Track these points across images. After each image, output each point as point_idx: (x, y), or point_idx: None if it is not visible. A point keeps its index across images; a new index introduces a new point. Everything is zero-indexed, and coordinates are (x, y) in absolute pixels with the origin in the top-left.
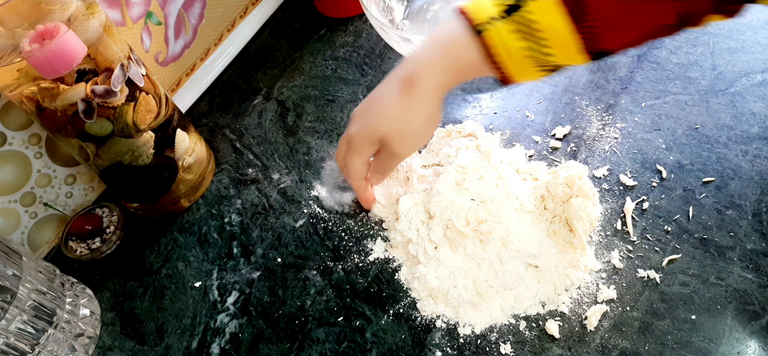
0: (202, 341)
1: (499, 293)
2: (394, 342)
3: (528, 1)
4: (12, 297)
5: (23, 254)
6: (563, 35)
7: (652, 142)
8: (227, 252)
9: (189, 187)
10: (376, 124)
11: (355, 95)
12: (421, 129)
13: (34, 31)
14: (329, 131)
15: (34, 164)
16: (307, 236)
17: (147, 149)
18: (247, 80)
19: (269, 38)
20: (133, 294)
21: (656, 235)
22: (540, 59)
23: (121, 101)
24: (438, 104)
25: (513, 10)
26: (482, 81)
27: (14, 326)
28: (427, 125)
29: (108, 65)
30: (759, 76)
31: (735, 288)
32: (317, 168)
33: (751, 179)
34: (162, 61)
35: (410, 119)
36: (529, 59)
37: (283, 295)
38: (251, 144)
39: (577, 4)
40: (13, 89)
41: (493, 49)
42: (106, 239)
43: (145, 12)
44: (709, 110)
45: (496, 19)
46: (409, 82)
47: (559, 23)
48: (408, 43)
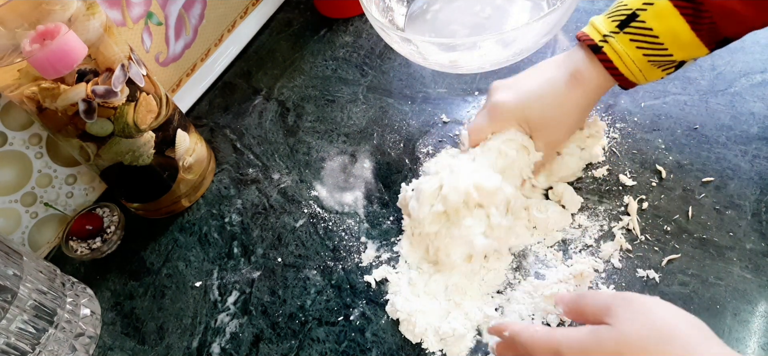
0: (202, 341)
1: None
2: (394, 341)
3: (641, 13)
4: (13, 296)
5: (24, 254)
6: (681, 36)
7: (651, 142)
8: (227, 252)
9: (189, 187)
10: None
11: (355, 95)
12: (574, 125)
13: (35, 31)
14: (329, 131)
15: (35, 164)
16: (308, 236)
17: (147, 149)
18: (248, 80)
19: (269, 38)
20: (134, 294)
21: (656, 235)
22: (661, 61)
23: (122, 101)
24: (592, 104)
25: (626, 24)
26: (482, 81)
27: (15, 326)
28: (579, 121)
29: (109, 65)
30: (758, 77)
31: (734, 288)
32: (317, 168)
33: (750, 179)
34: (162, 62)
35: (571, 115)
36: (649, 63)
37: (283, 295)
38: (251, 144)
39: (693, 7)
40: (13, 89)
41: (613, 61)
42: (106, 239)
43: (146, 12)
44: (708, 110)
45: (611, 35)
46: (576, 78)
47: (676, 25)
48: (408, 44)
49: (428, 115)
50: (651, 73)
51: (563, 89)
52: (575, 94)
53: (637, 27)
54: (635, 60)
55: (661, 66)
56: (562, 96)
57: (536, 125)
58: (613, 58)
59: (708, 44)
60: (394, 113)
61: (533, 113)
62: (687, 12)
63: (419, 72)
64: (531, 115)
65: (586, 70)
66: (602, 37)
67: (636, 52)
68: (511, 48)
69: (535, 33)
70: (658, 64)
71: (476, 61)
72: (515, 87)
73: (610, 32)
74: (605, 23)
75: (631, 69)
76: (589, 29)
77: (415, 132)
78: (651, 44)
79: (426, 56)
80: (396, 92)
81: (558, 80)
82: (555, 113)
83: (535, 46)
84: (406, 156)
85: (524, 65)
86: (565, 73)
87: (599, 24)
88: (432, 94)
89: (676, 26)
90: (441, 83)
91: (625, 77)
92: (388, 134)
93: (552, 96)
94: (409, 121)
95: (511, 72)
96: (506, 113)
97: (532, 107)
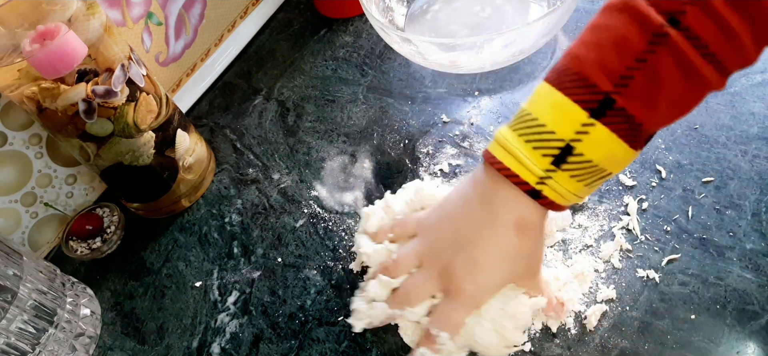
0: (202, 341)
1: None
2: (394, 341)
3: (574, 146)
4: (12, 296)
5: (24, 254)
6: (619, 156)
7: (651, 142)
8: (227, 252)
9: (189, 187)
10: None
11: (355, 95)
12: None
13: (35, 31)
14: (329, 131)
15: (35, 164)
16: (308, 236)
17: (148, 149)
18: (248, 80)
19: (269, 38)
20: (134, 294)
21: (655, 235)
22: (597, 183)
23: (122, 101)
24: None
25: (561, 160)
26: (482, 81)
27: (15, 326)
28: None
29: (109, 65)
30: (758, 77)
31: (734, 288)
32: (317, 168)
33: (750, 179)
34: (162, 62)
35: (535, 253)
36: (586, 189)
37: (283, 295)
38: (251, 144)
39: (630, 127)
40: (13, 89)
41: (554, 202)
42: (106, 239)
43: (146, 12)
44: (708, 110)
45: (547, 176)
46: (523, 227)
47: (614, 150)
48: (408, 44)
49: (428, 115)
50: (585, 196)
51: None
52: (528, 239)
53: (576, 161)
54: (577, 191)
55: (595, 187)
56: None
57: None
58: (554, 198)
59: (640, 149)
60: (394, 113)
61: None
62: (626, 134)
63: (419, 72)
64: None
65: (529, 215)
66: (539, 180)
67: (577, 186)
68: (511, 48)
69: (535, 33)
70: (594, 187)
71: (476, 61)
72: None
73: (545, 171)
74: (534, 158)
75: (570, 200)
76: (513, 163)
77: (415, 132)
78: (590, 174)
79: (426, 56)
80: (396, 92)
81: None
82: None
83: (535, 46)
84: (406, 156)
85: (524, 65)
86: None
87: (526, 159)
88: (432, 94)
89: (615, 150)
90: (441, 83)
91: (563, 208)
92: (388, 134)
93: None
94: (409, 121)
95: (511, 72)
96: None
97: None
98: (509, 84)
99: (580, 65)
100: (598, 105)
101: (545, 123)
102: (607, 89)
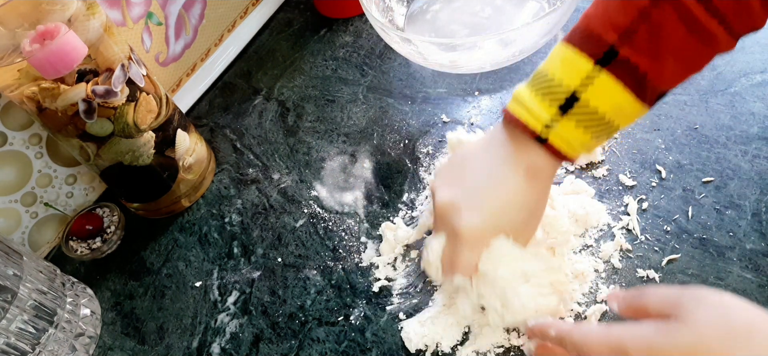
0: (202, 341)
1: None
2: (394, 341)
3: (581, 94)
4: (13, 296)
5: (24, 254)
6: (626, 107)
7: (651, 142)
8: (228, 252)
9: (189, 187)
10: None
11: (355, 95)
12: (542, 212)
13: (35, 31)
14: (329, 131)
15: (35, 164)
16: (307, 236)
17: (148, 149)
18: (248, 80)
19: (269, 38)
20: (134, 294)
21: (655, 235)
22: (606, 135)
23: (122, 101)
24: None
25: (568, 107)
26: (482, 81)
27: (15, 326)
28: (544, 207)
29: (109, 65)
30: (758, 77)
31: (734, 288)
32: (317, 168)
33: (750, 179)
34: (162, 62)
35: (540, 206)
36: (594, 140)
37: (283, 295)
38: (251, 144)
39: (635, 78)
40: (13, 89)
41: (560, 150)
42: (106, 239)
43: (146, 12)
44: (708, 110)
45: (553, 122)
46: (533, 173)
47: (621, 100)
48: (408, 44)
49: (428, 115)
50: (595, 147)
51: (527, 191)
52: (536, 188)
53: (581, 110)
54: (584, 142)
55: (604, 138)
56: (526, 197)
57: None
58: (560, 146)
59: (650, 104)
60: (394, 113)
61: (506, 227)
62: (631, 83)
63: (419, 72)
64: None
65: (538, 162)
66: (544, 126)
67: (584, 135)
68: (511, 48)
69: (535, 33)
70: (602, 138)
71: (476, 61)
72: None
73: (551, 119)
74: (541, 106)
75: (577, 150)
76: (523, 112)
77: (415, 132)
78: (597, 123)
79: (426, 56)
80: (396, 91)
81: (517, 183)
82: (525, 216)
83: (535, 46)
84: (406, 156)
85: (524, 65)
86: (519, 173)
87: (534, 107)
88: (432, 94)
89: (621, 100)
90: (441, 83)
91: (572, 158)
92: (388, 134)
93: (519, 203)
94: (409, 121)
95: (511, 72)
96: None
97: (503, 222)
98: (509, 84)
99: (589, 21)
100: (603, 55)
101: (554, 76)
102: (611, 40)
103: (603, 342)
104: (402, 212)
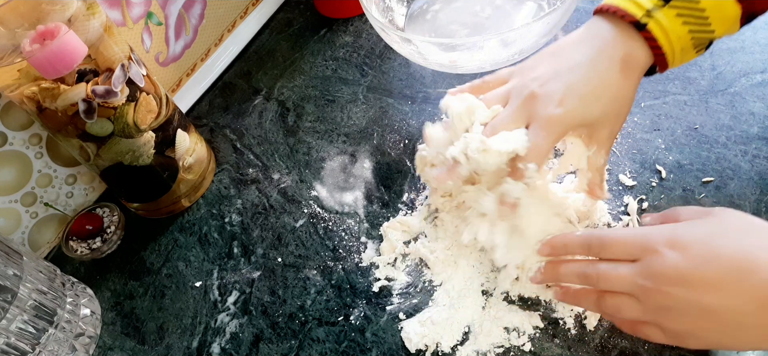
0: (202, 341)
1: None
2: (394, 341)
3: None
4: (13, 296)
5: (24, 254)
6: (726, 7)
7: (651, 142)
8: (228, 252)
9: (189, 187)
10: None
11: (355, 95)
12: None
13: (35, 31)
14: (329, 131)
15: (35, 164)
16: (307, 236)
17: (148, 149)
18: (248, 80)
19: (269, 38)
20: (134, 294)
21: None
22: (701, 39)
23: (122, 101)
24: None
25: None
26: None
27: (15, 326)
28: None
29: (109, 65)
30: (758, 77)
31: None
32: (317, 168)
33: (750, 179)
34: (162, 62)
35: (628, 104)
36: (691, 42)
37: (283, 295)
38: (251, 144)
39: None
40: (13, 89)
41: (658, 40)
42: (106, 239)
43: (146, 12)
44: (708, 110)
45: (654, 9)
46: (629, 64)
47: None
48: (408, 44)
49: (428, 115)
50: (688, 54)
51: (620, 82)
52: (630, 82)
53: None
54: (681, 37)
55: (697, 45)
56: (619, 88)
57: (597, 126)
58: (659, 36)
59: (742, 20)
60: (394, 113)
61: (595, 118)
62: None
63: (419, 72)
64: (593, 120)
65: (635, 53)
66: (645, 13)
67: (682, 29)
68: (511, 48)
69: (535, 33)
70: (696, 42)
71: (476, 61)
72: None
73: (653, 6)
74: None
75: (675, 48)
76: (625, 2)
77: (415, 132)
78: (697, 19)
79: (426, 56)
80: (396, 91)
81: (610, 72)
82: (616, 108)
83: (535, 47)
84: (406, 156)
85: None
86: (615, 61)
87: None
88: (432, 94)
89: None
90: (441, 83)
91: (666, 58)
92: (388, 134)
93: (612, 95)
94: (409, 121)
95: None
96: (566, 126)
97: (594, 113)
98: None
99: None
100: None
101: None
102: None
103: (629, 237)
104: (402, 212)
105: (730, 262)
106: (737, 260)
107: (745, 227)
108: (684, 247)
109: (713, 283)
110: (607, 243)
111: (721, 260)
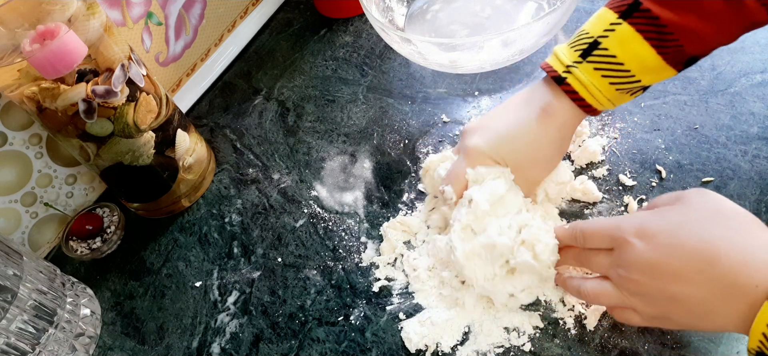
0: (202, 341)
1: None
2: (394, 341)
3: (602, 41)
4: (13, 296)
5: (24, 254)
6: (647, 60)
7: (651, 142)
8: (228, 252)
9: (189, 187)
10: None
11: (355, 95)
12: (550, 161)
13: (35, 31)
14: (329, 131)
15: (35, 164)
16: (307, 236)
17: (148, 149)
18: (248, 80)
19: (269, 38)
20: (134, 294)
21: None
22: (628, 87)
23: (122, 101)
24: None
25: (589, 53)
26: (482, 81)
27: (15, 326)
28: (556, 156)
29: (109, 65)
30: (758, 77)
31: None
32: (317, 168)
33: (750, 179)
34: (162, 62)
35: (546, 150)
36: (617, 91)
37: (283, 295)
38: (251, 144)
39: (655, 29)
40: (13, 89)
41: (578, 92)
42: (106, 239)
43: (146, 12)
44: (708, 110)
45: (574, 65)
46: (547, 112)
47: (640, 51)
48: (408, 44)
49: (428, 115)
50: (619, 99)
51: (534, 126)
52: (547, 129)
53: (600, 55)
54: (601, 89)
55: (629, 91)
56: (534, 133)
57: (511, 165)
58: (577, 88)
59: (675, 66)
60: (394, 113)
61: (507, 154)
62: (651, 36)
63: (419, 72)
64: (505, 156)
65: (554, 103)
66: (565, 68)
67: (601, 81)
68: (511, 48)
69: (535, 33)
70: (626, 89)
71: (476, 61)
72: (487, 129)
73: (573, 62)
74: (568, 53)
75: (597, 98)
76: (553, 60)
77: (415, 132)
78: (616, 71)
79: (426, 56)
80: (396, 91)
81: (528, 117)
82: (528, 150)
83: (535, 46)
84: (406, 156)
85: (524, 65)
86: (535, 109)
87: (562, 54)
88: (432, 94)
89: (640, 51)
90: (441, 83)
91: (592, 106)
92: (388, 134)
93: (524, 134)
94: (409, 121)
95: (511, 72)
96: (481, 156)
97: (505, 148)
98: (509, 84)
99: None
100: (627, 7)
101: (584, 29)
102: None
103: (603, 228)
104: (402, 212)
105: (692, 253)
106: (699, 252)
107: (711, 216)
108: (651, 237)
109: (678, 273)
110: (587, 234)
111: (684, 250)
